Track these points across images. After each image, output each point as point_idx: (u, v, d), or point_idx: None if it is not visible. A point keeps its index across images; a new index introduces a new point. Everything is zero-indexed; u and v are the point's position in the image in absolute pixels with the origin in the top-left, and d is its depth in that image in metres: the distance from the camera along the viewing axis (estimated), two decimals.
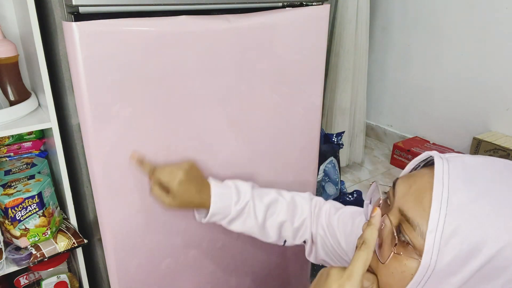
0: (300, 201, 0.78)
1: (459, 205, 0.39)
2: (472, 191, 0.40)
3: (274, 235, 0.77)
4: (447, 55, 2.24)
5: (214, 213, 0.73)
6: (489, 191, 0.40)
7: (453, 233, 0.39)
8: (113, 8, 0.67)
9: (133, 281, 0.84)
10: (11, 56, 0.83)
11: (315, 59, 0.95)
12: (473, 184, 0.40)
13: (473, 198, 0.39)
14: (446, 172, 0.42)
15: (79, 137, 0.72)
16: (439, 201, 0.40)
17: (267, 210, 0.75)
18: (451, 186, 0.41)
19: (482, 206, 0.39)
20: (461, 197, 0.40)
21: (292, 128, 0.97)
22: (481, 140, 2.01)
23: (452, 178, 0.41)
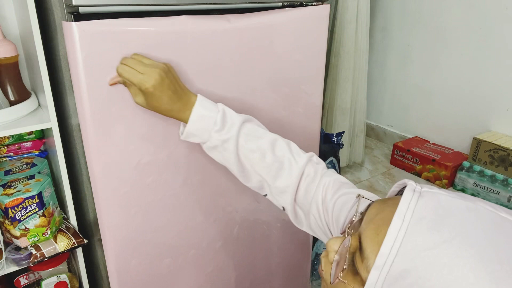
0: (290, 166, 0.69)
1: (413, 249, 0.35)
2: (433, 237, 0.35)
3: (254, 184, 0.71)
4: (447, 55, 2.24)
5: (190, 133, 0.67)
6: (453, 242, 0.34)
7: (399, 277, 0.35)
8: (113, 8, 0.67)
9: (133, 281, 0.84)
10: (11, 56, 0.83)
11: (315, 59, 0.95)
12: (438, 230, 0.35)
13: (432, 245, 0.35)
14: (412, 208, 0.37)
15: (79, 137, 0.72)
16: (393, 238, 0.36)
17: (249, 156, 0.68)
18: (411, 226, 0.36)
19: (438, 256, 0.34)
20: (418, 241, 0.35)
21: (292, 128, 0.97)
22: (481, 140, 2.01)
23: (415, 217, 0.37)
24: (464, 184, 2.09)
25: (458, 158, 2.18)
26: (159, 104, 0.65)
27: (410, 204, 0.38)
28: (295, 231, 1.13)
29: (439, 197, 0.38)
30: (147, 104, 0.66)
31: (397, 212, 0.37)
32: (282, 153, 0.69)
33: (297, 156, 0.70)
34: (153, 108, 0.66)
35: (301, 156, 0.70)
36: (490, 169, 2.00)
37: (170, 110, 0.66)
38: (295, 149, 0.71)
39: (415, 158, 2.27)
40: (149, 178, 0.78)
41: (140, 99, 0.66)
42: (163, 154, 0.78)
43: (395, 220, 0.37)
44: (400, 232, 0.36)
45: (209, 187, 0.87)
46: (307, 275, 1.26)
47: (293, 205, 0.70)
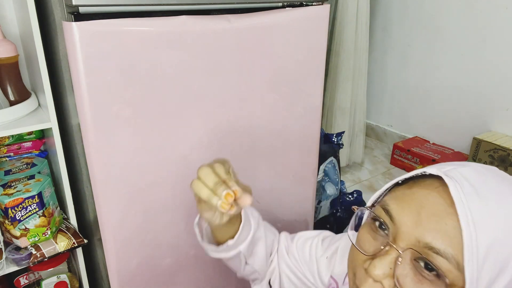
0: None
1: (483, 222, 0.37)
2: (487, 204, 0.37)
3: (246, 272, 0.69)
4: (447, 55, 2.24)
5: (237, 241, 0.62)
6: (501, 199, 0.38)
7: (486, 255, 0.36)
8: (113, 8, 0.67)
9: (133, 281, 0.84)
10: (11, 56, 0.83)
11: (315, 59, 0.95)
12: (485, 197, 0.38)
13: (492, 211, 0.37)
14: (461, 191, 0.38)
15: (79, 137, 0.72)
16: (467, 224, 0.36)
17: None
18: (470, 206, 0.37)
19: (502, 217, 0.37)
20: (481, 213, 0.37)
21: (292, 128, 0.97)
22: (481, 140, 2.01)
23: (467, 196, 0.37)
24: None
25: (458, 158, 2.18)
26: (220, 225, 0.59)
27: (457, 187, 0.38)
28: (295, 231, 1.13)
29: (459, 170, 0.40)
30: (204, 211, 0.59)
31: (456, 199, 0.38)
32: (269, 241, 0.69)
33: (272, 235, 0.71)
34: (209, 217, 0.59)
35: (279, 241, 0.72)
36: None
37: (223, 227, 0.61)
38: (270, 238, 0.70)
39: (415, 158, 2.27)
40: (149, 178, 0.78)
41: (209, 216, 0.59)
42: (163, 154, 0.78)
43: (459, 207, 0.37)
44: (468, 216, 0.36)
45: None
46: None
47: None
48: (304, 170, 1.06)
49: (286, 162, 1.00)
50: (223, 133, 0.85)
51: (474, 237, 0.36)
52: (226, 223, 0.58)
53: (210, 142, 0.83)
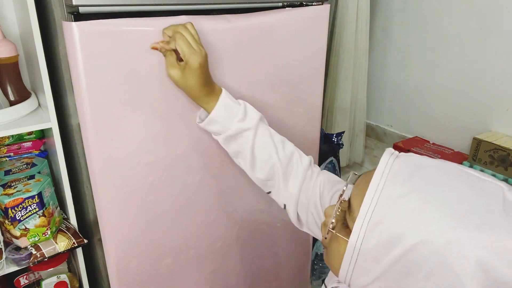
0: (297, 165, 0.73)
1: (389, 198, 0.42)
2: (405, 187, 0.42)
3: (262, 177, 0.74)
4: (447, 55, 2.24)
5: (214, 119, 0.71)
6: (422, 189, 0.41)
7: (378, 222, 0.41)
8: (113, 8, 0.67)
9: (133, 281, 0.84)
10: (11, 56, 0.83)
11: (315, 59, 0.95)
12: (410, 181, 0.42)
13: (404, 193, 0.41)
14: (389, 166, 0.44)
15: (79, 137, 0.72)
16: (373, 191, 0.43)
17: (263, 148, 0.72)
18: (388, 180, 0.43)
19: (409, 201, 0.41)
20: (393, 191, 0.42)
21: (292, 128, 0.97)
22: (481, 140, 2.01)
23: (392, 172, 0.44)
24: None
25: (458, 158, 2.18)
26: (193, 82, 0.67)
27: (388, 162, 0.45)
28: (295, 231, 1.13)
29: (413, 157, 0.46)
30: (181, 79, 0.68)
31: (377, 170, 0.45)
32: (291, 151, 0.74)
33: (302, 157, 0.74)
34: (185, 85, 0.68)
35: (305, 158, 0.75)
36: (490, 169, 1.99)
37: (199, 92, 0.69)
38: (300, 151, 0.76)
39: None
40: (149, 178, 0.78)
41: (175, 72, 0.67)
42: (163, 154, 0.78)
43: (375, 175, 0.44)
44: (379, 185, 0.43)
45: (209, 187, 0.87)
46: (307, 275, 1.26)
47: (296, 205, 0.73)
48: None
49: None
50: None
51: (373, 203, 0.42)
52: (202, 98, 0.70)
53: (210, 142, 0.83)
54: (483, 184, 0.41)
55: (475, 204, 0.39)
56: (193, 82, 0.67)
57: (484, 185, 0.41)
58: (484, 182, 0.42)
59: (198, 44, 0.67)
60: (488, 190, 0.41)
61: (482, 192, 0.40)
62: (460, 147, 2.27)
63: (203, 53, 0.67)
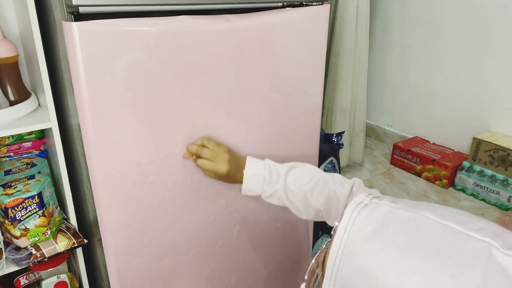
0: (337, 197, 0.75)
1: (350, 259, 0.38)
2: (367, 247, 0.38)
3: (310, 217, 0.80)
4: (447, 55, 2.24)
5: (247, 190, 0.81)
6: (381, 253, 0.37)
7: (343, 285, 0.38)
8: (113, 8, 0.67)
9: (133, 281, 0.84)
10: (11, 56, 0.83)
11: (315, 59, 0.95)
12: (371, 240, 0.38)
13: (365, 255, 0.37)
14: (352, 220, 0.40)
15: (79, 137, 0.72)
16: (336, 249, 0.39)
17: (297, 198, 0.78)
18: (350, 237, 0.39)
19: (369, 266, 0.37)
20: (355, 250, 0.38)
21: (292, 128, 0.97)
22: (481, 140, 2.01)
23: (354, 228, 0.39)
24: (464, 184, 2.09)
25: (458, 158, 2.18)
26: (227, 179, 0.81)
27: (351, 216, 0.40)
28: (295, 231, 1.13)
29: (382, 208, 0.40)
30: (217, 179, 0.81)
31: (340, 224, 0.40)
32: (326, 194, 0.76)
33: (341, 187, 0.76)
34: (223, 180, 0.82)
35: (344, 186, 0.76)
36: (490, 169, 2.00)
37: (235, 179, 0.81)
38: (338, 179, 0.78)
39: (415, 158, 2.27)
40: (149, 178, 0.78)
41: (212, 175, 0.81)
42: (163, 154, 0.78)
43: (338, 231, 0.40)
44: (342, 243, 0.39)
45: (209, 187, 0.87)
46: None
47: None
48: None
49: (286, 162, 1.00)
50: (223, 133, 0.85)
51: (337, 262, 0.39)
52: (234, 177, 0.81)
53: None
54: (462, 243, 0.34)
55: (441, 275, 0.33)
56: (226, 178, 0.81)
57: (465, 245, 0.34)
58: (466, 240, 0.34)
59: (217, 155, 0.78)
60: (468, 253, 0.33)
61: (455, 256, 0.33)
62: (460, 147, 2.27)
63: (226, 163, 0.78)
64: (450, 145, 2.33)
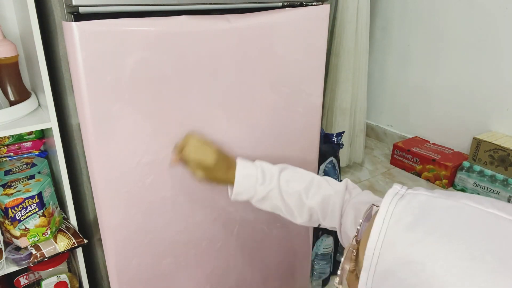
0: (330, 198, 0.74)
1: (392, 250, 0.38)
2: (409, 237, 0.37)
3: (303, 221, 0.77)
4: (447, 55, 2.24)
5: (238, 192, 0.77)
6: (426, 240, 0.36)
7: (383, 276, 0.38)
8: (113, 8, 0.67)
9: (133, 281, 0.84)
10: (11, 56, 0.83)
11: (315, 59, 0.95)
12: (414, 230, 0.37)
13: (407, 243, 0.37)
14: (390, 211, 0.39)
15: (79, 137, 0.72)
16: (375, 241, 0.38)
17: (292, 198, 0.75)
18: (390, 227, 0.38)
19: (413, 254, 0.36)
20: (396, 241, 0.38)
21: (292, 128, 0.97)
22: (481, 140, 2.01)
23: (394, 218, 0.39)
24: (464, 184, 2.09)
25: (458, 158, 2.18)
26: (216, 175, 0.76)
27: (389, 207, 0.40)
28: (295, 231, 1.13)
29: (419, 198, 0.40)
30: (207, 176, 0.76)
31: (378, 215, 0.39)
32: (322, 193, 0.75)
33: (336, 185, 0.75)
34: (212, 178, 0.77)
35: (339, 184, 0.75)
36: (490, 169, 2.00)
37: (226, 178, 0.76)
38: (330, 180, 0.77)
39: (415, 158, 2.27)
40: (149, 178, 0.78)
41: (200, 173, 0.76)
42: (163, 154, 0.78)
43: (376, 223, 0.39)
44: (381, 235, 0.38)
45: (209, 187, 0.87)
46: (307, 275, 1.26)
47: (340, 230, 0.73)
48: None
49: (286, 162, 1.00)
50: (223, 133, 0.85)
51: (376, 253, 0.38)
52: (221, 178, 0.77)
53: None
54: (505, 227, 0.35)
55: (489, 257, 0.33)
56: (216, 174, 0.76)
57: (506, 228, 0.35)
58: (506, 224, 0.35)
59: (202, 145, 0.75)
60: (509, 235, 0.34)
61: (498, 240, 0.34)
62: (460, 147, 2.27)
63: (213, 153, 0.74)
64: (450, 145, 2.33)
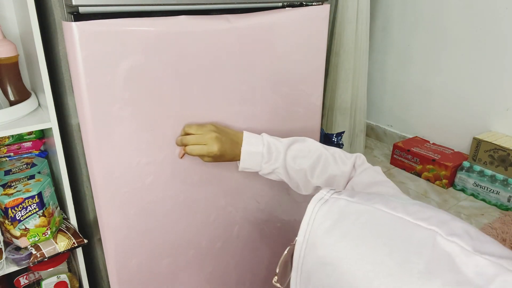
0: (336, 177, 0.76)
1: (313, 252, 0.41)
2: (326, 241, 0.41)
3: (309, 193, 0.78)
4: (447, 55, 2.24)
5: (245, 168, 0.78)
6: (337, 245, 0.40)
7: (307, 277, 0.41)
8: (113, 8, 0.67)
9: (133, 281, 0.84)
10: (11, 56, 0.83)
11: (315, 59, 0.95)
12: (329, 234, 0.41)
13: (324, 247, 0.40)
14: (314, 215, 0.43)
15: (79, 137, 0.72)
16: (300, 242, 0.42)
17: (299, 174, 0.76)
18: (312, 231, 0.42)
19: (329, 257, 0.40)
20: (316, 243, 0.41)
21: (292, 128, 0.97)
22: (481, 140, 2.01)
23: (316, 222, 0.42)
24: (464, 184, 2.09)
25: (458, 158, 2.18)
26: (224, 157, 0.76)
27: (313, 211, 0.44)
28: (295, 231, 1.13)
29: (339, 202, 0.43)
30: (216, 160, 0.77)
31: (304, 219, 0.43)
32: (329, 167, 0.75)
33: (342, 165, 0.76)
34: (221, 160, 0.77)
35: (346, 163, 0.76)
36: (490, 169, 1.99)
37: (234, 156, 0.77)
38: (339, 157, 0.77)
39: (415, 158, 2.27)
40: (149, 178, 0.78)
41: (209, 159, 0.76)
42: (163, 154, 0.78)
43: (302, 226, 0.43)
44: (305, 237, 0.42)
45: (209, 187, 0.87)
46: None
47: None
48: None
49: None
50: None
51: (302, 254, 0.42)
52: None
53: None
54: (412, 233, 0.37)
55: (389, 262, 0.36)
56: (224, 157, 0.76)
57: (412, 234, 0.37)
58: (414, 229, 0.38)
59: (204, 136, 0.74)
60: (415, 241, 0.37)
61: (402, 245, 0.37)
62: (460, 147, 2.27)
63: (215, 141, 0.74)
64: (450, 145, 2.33)
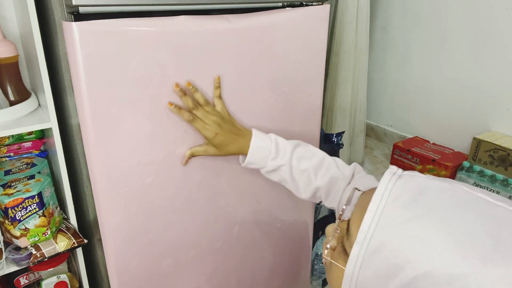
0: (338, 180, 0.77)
1: (388, 224, 0.39)
2: (406, 213, 0.39)
3: (307, 197, 0.80)
4: (447, 55, 2.24)
5: (250, 162, 0.78)
6: (424, 216, 0.38)
7: (376, 250, 0.39)
8: (113, 8, 0.67)
9: (133, 281, 0.84)
10: (11, 56, 0.83)
11: (315, 59, 0.95)
12: (411, 207, 0.39)
13: (404, 220, 0.38)
14: (389, 188, 0.41)
15: (79, 137, 0.72)
16: (372, 215, 0.40)
17: (302, 175, 0.78)
18: (387, 204, 0.40)
19: (409, 229, 0.38)
20: (393, 217, 0.39)
21: (292, 128, 0.97)
22: (481, 140, 2.01)
23: (392, 196, 0.41)
24: None
25: (458, 158, 2.17)
26: (227, 147, 0.78)
27: (388, 184, 0.42)
28: (295, 231, 1.13)
29: (417, 179, 0.42)
30: (220, 151, 0.78)
31: (376, 192, 0.41)
32: (330, 175, 0.77)
33: (343, 170, 0.78)
34: (225, 151, 0.78)
35: (346, 169, 0.78)
36: (490, 169, 1.99)
37: (237, 148, 0.78)
38: (340, 163, 0.79)
39: (415, 158, 2.27)
40: (149, 178, 0.78)
41: (213, 149, 0.79)
42: (163, 154, 0.78)
43: (374, 198, 0.41)
44: (378, 210, 0.40)
45: (209, 187, 0.87)
46: (307, 275, 1.26)
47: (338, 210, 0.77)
48: None
49: None
50: None
51: (372, 227, 0.40)
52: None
53: None
54: (494, 210, 0.38)
55: (483, 234, 0.35)
56: (226, 147, 0.78)
57: (495, 211, 0.37)
58: (495, 208, 0.38)
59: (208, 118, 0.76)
60: (499, 218, 0.37)
61: (491, 220, 0.37)
62: (460, 147, 2.27)
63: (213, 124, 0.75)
64: (450, 145, 2.33)
